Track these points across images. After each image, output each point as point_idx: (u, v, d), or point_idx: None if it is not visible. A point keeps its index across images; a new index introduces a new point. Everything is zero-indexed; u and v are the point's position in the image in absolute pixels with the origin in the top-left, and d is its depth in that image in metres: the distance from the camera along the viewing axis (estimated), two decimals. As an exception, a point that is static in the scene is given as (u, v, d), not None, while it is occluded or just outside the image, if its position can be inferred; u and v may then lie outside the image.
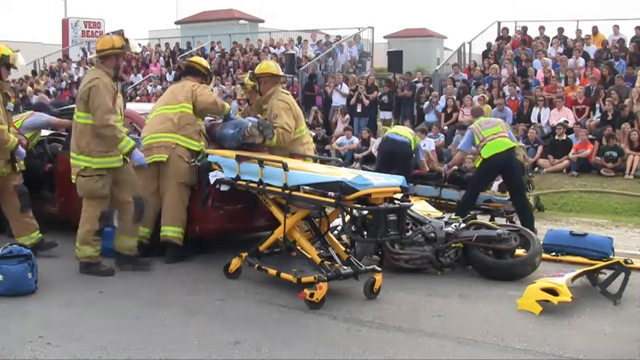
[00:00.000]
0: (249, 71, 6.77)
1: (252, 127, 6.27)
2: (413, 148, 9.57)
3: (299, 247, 5.77)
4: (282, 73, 7.07)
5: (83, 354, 4.27)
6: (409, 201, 5.72)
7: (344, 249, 5.88)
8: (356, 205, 5.31)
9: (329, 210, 5.72)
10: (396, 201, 5.46)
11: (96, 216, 6.17)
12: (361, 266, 5.66)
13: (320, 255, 5.62)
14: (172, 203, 6.46)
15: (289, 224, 5.67)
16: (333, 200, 5.18)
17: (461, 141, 9.40)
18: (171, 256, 6.54)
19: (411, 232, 6.21)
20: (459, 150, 9.29)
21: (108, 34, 6.41)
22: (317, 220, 5.86)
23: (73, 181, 6.22)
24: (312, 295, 5.17)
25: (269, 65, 6.89)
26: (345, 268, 5.54)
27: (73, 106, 8.96)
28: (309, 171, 5.71)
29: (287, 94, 6.89)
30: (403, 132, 9.75)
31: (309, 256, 5.61)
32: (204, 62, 7.11)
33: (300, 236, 5.75)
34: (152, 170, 6.52)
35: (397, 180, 5.55)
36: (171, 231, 6.48)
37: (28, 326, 4.75)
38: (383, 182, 5.43)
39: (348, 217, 6.48)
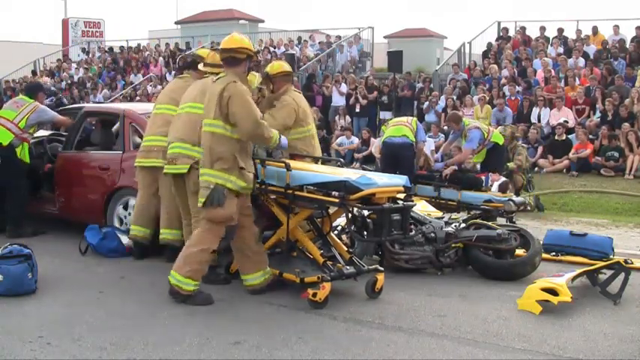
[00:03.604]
0: (264, 72, 6.62)
1: (259, 148, 6.10)
2: (414, 140, 9.48)
3: (300, 247, 5.77)
4: (293, 72, 7.00)
5: (83, 354, 4.27)
6: (412, 201, 5.71)
7: (346, 249, 5.89)
8: (361, 205, 5.31)
9: (331, 210, 5.72)
10: (399, 201, 5.46)
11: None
12: (364, 266, 5.66)
13: (322, 255, 5.62)
14: (170, 206, 6.45)
15: (292, 224, 5.65)
16: (337, 200, 5.17)
17: (467, 142, 9.43)
18: (171, 256, 6.53)
19: (413, 232, 6.21)
20: (468, 148, 9.40)
21: (234, 35, 5.57)
22: (319, 219, 5.85)
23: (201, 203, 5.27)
24: (315, 294, 5.18)
25: (282, 65, 6.83)
26: (348, 267, 5.54)
27: (76, 106, 9.00)
28: (312, 171, 5.69)
29: (298, 92, 6.82)
30: (400, 131, 9.46)
31: (312, 256, 5.61)
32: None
33: (302, 236, 5.74)
34: (153, 173, 6.52)
35: (400, 180, 5.55)
36: (169, 233, 6.49)
37: (28, 326, 4.75)
38: (386, 182, 5.43)
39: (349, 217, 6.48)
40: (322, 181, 5.35)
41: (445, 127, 15.07)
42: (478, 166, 9.97)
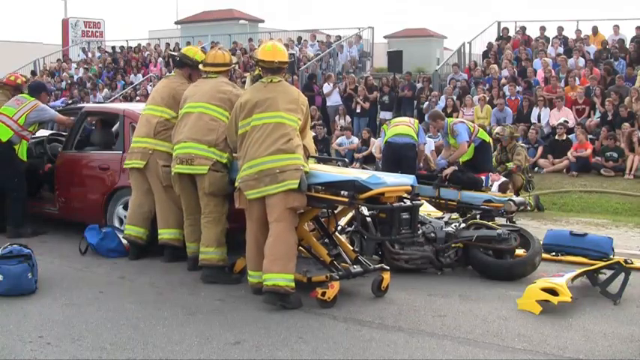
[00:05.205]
0: (253, 72, 6.65)
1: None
2: (417, 140, 9.54)
3: (305, 246, 5.77)
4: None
5: (83, 354, 4.27)
6: (419, 199, 5.72)
7: (352, 248, 5.88)
8: (371, 205, 5.29)
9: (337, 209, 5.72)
10: (406, 200, 5.46)
11: None
12: (370, 265, 5.67)
13: (328, 254, 5.61)
14: (164, 206, 6.47)
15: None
16: (346, 199, 5.17)
17: (458, 136, 9.53)
18: (169, 256, 6.54)
19: (421, 231, 6.20)
20: (462, 142, 9.45)
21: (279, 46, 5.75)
22: (324, 219, 5.86)
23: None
24: (324, 293, 5.18)
25: None
26: (355, 266, 5.55)
27: (82, 105, 9.00)
28: (321, 170, 5.69)
29: None
30: (403, 131, 9.52)
31: (319, 256, 5.60)
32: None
33: (308, 235, 5.74)
34: (143, 173, 6.54)
35: (408, 179, 5.56)
36: (167, 233, 6.49)
37: (28, 326, 4.75)
38: (395, 181, 5.44)
39: (349, 217, 6.49)
40: (331, 180, 5.34)
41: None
42: None
